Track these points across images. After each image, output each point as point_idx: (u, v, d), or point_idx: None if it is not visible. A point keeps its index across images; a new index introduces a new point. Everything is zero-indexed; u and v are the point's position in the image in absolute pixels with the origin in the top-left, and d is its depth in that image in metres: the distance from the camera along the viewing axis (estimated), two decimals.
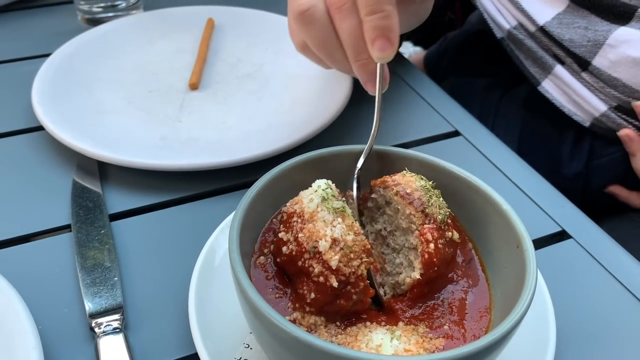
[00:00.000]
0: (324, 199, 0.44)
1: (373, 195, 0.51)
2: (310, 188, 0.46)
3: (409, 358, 0.39)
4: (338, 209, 0.44)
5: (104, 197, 0.65)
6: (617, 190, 0.86)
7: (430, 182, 0.49)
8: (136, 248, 0.60)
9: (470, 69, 1.09)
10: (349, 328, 0.44)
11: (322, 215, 0.43)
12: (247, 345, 0.49)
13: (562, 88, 0.84)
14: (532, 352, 0.49)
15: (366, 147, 0.52)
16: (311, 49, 0.58)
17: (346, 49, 0.54)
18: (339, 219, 0.43)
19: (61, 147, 0.70)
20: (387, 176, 0.50)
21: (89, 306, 0.53)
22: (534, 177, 0.73)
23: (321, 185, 0.46)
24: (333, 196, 0.45)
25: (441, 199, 0.48)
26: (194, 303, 0.50)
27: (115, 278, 0.55)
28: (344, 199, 0.47)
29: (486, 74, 1.04)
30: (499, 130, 0.96)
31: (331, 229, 0.42)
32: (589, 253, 0.63)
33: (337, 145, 0.53)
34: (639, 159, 0.80)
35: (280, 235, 0.45)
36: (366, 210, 0.52)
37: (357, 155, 0.52)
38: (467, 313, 0.46)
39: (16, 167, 0.69)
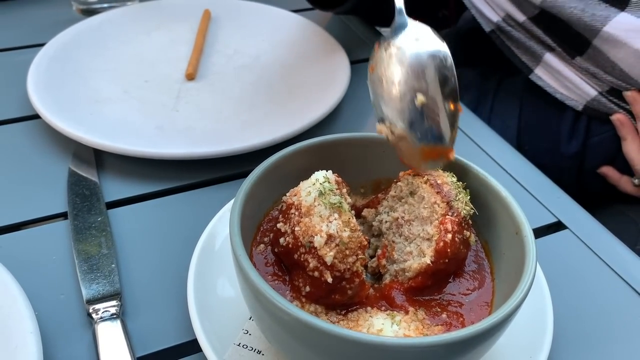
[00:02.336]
0: (321, 193, 0.44)
1: (399, 183, 0.50)
2: (309, 180, 0.46)
3: (409, 339, 0.39)
4: (335, 204, 0.43)
5: (101, 186, 0.65)
6: (610, 172, 0.87)
7: (462, 183, 0.48)
8: (133, 236, 0.60)
9: (462, 65, 1.10)
10: (349, 314, 0.44)
11: (319, 210, 0.43)
12: (246, 331, 0.49)
13: (553, 74, 0.85)
14: (531, 338, 0.49)
15: None
16: None
17: None
18: (336, 215, 0.43)
19: (57, 136, 0.69)
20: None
21: (86, 292, 0.52)
22: (530, 169, 0.73)
23: (319, 178, 0.45)
24: (331, 190, 0.44)
25: (469, 197, 0.47)
26: (193, 288, 0.50)
27: (113, 265, 0.55)
28: (343, 192, 0.46)
29: (479, 69, 1.05)
30: (497, 114, 0.96)
31: (327, 225, 0.42)
32: (584, 243, 0.63)
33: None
34: (629, 142, 0.81)
35: (278, 225, 0.45)
36: (387, 200, 0.51)
37: (361, 142, 0.52)
38: (466, 306, 0.46)
39: (12, 155, 0.69)
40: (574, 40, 0.80)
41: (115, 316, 0.50)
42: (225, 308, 0.50)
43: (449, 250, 0.44)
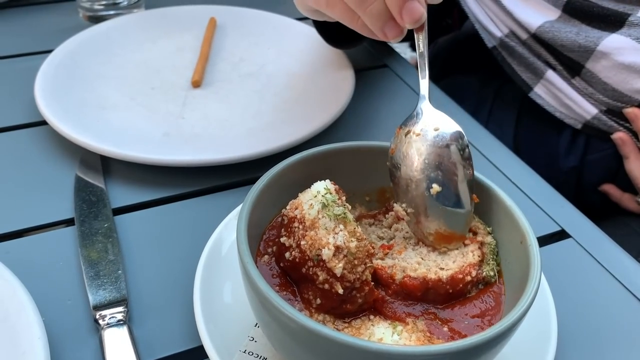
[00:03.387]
0: (324, 206, 0.44)
1: None
2: (309, 191, 0.46)
3: (415, 347, 0.39)
4: (339, 215, 0.43)
5: (107, 192, 0.65)
6: (611, 189, 0.87)
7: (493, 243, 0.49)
8: (140, 242, 0.60)
9: (461, 71, 1.10)
10: (353, 321, 0.44)
11: (324, 223, 0.43)
12: (251, 338, 0.49)
13: (554, 92, 0.85)
14: (535, 346, 0.49)
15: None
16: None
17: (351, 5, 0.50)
18: (341, 226, 0.43)
19: (64, 142, 0.70)
20: None
21: (92, 298, 0.53)
22: (533, 177, 0.74)
23: (320, 190, 0.45)
24: (333, 202, 0.44)
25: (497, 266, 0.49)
26: (199, 294, 0.50)
27: (119, 271, 0.56)
28: (342, 200, 0.46)
29: (478, 74, 1.05)
30: (494, 124, 0.96)
31: (333, 237, 0.42)
32: (587, 252, 0.64)
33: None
34: (632, 161, 0.81)
35: (282, 240, 0.45)
36: None
37: (367, 151, 0.53)
38: (470, 324, 0.46)
39: (19, 161, 0.69)
40: (569, 62, 0.82)
41: (121, 322, 0.51)
42: (231, 314, 0.50)
43: (460, 285, 0.45)
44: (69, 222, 0.62)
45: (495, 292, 0.47)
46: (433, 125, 0.48)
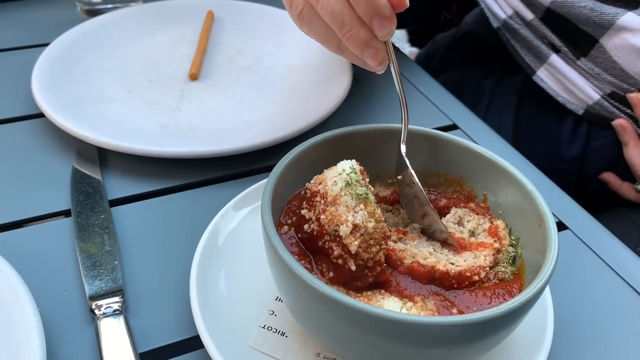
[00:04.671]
0: (348, 184, 0.44)
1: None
2: (334, 168, 0.47)
3: (427, 317, 0.39)
4: (361, 195, 0.44)
5: (104, 184, 0.65)
6: (611, 178, 0.87)
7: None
8: (136, 233, 0.60)
9: (459, 67, 1.10)
10: (364, 292, 0.45)
11: (345, 200, 0.44)
12: (271, 312, 0.50)
13: (557, 76, 0.85)
14: (531, 337, 0.49)
15: (403, 127, 0.52)
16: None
17: (332, 27, 0.51)
18: (362, 205, 0.44)
19: (61, 134, 0.70)
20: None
21: (89, 289, 0.53)
22: (531, 169, 0.74)
23: (346, 169, 0.46)
24: (357, 181, 0.45)
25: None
26: (196, 285, 0.50)
27: (116, 262, 0.56)
28: (366, 181, 0.47)
29: (477, 69, 1.05)
30: (493, 116, 0.96)
31: (353, 215, 0.43)
32: (585, 244, 0.64)
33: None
34: (631, 148, 0.81)
35: (302, 212, 0.46)
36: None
37: (383, 133, 0.54)
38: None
39: (16, 153, 0.69)
40: (580, 40, 0.80)
41: (118, 312, 0.51)
42: (227, 304, 0.51)
43: (466, 281, 0.46)
44: (65, 214, 0.62)
45: (509, 288, 0.47)
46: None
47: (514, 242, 0.50)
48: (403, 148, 0.51)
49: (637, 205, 0.87)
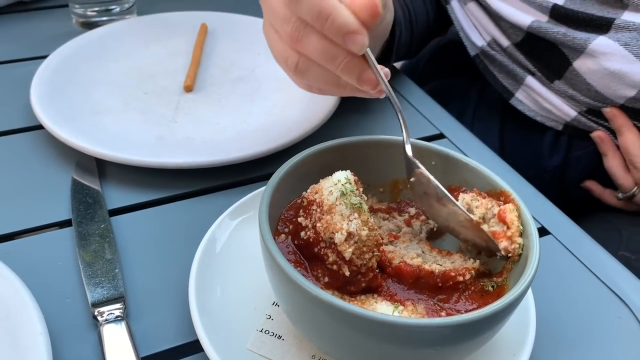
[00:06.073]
0: (343, 194, 0.47)
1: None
2: (330, 179, 0.49)
3: (416, 319, 0.42)
4: (355, 204, 0.47)
5: (103, 194, 0.67)
6: (593, 185, 0.90)
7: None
8: (136, 242, 0.62)
9: (445, 76, 1.13)
10: (358, 296, 0.48)
11: (340, 209, 0.46)
12: (269, 316, 0.52)
13: (534, 97, 0.88)
14: (514, 337, 0.52)
15: (403, 130, 0.53)
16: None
17: (327, 65, 0.53)
18: (355, 214, 0.46)
19: (60, 146, 0.72)
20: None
21: (91, 296, 0.55)
22: (515, 177, 0.76)
23: (341, 179, 0.48)
24: (352, 191, 0.47)
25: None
26: (194, 290, 0.52)
27: (116, 270, 0.58)
28: (360, 191, 0.49)
29: (462, 78, 1.08)
30: (480, 124, 0.99)
31: (347, 223, 0.45)
32: (566, 248, 0.66)
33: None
34: (610, 158, 0.84)
35: (299, 219, 0.48)
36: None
37: (379, 144, 0.56)
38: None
39: (16, 164, 0.71)
40: (555, 64, 0.83)
41: (119, 318, 0.53)
42: (225, 309, 0.53)
43: (451, 282, 0.48)
44: (66, 224, 0.64)
45: (497, 295, 0.50)
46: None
47: (521, 228, 0.51)
48: (409, 150, 0.52)
49: (619, 210, 0.90)
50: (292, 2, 0.50)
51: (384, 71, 0.52)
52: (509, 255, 0.49)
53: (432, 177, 0.50)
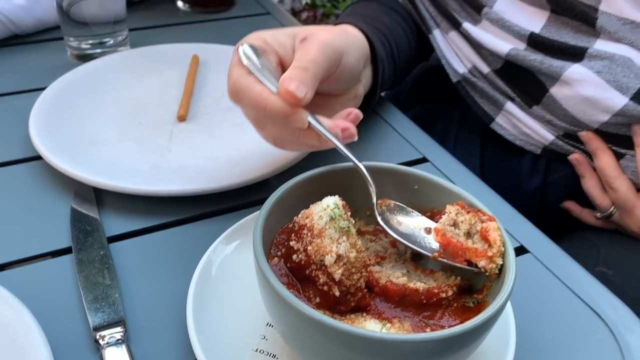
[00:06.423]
0: (332, 218, 0.50)
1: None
2: (320, 204, 0.52)
3: (402, 335, 0.45)
4: (344, 228, 0.50)
5: (102, 222, 0.70)
6: (572, 206, 0.94)
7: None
8: (134, 267, 0.65)
9: (428, 100, 1.17)
10: (347, 315, 0.51)
11: (330, 233, 0.50)
12: (263, 337, 0.55)
13: (513, 122, 0.92)
14: (495, 352, 0.55)
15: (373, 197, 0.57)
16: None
17: (291, 140, 0.62)
18: (344, 237, 0.50)
19: (59, 176, 0.74)
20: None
21: (92, 320, 0.57)
22: (495, 199, 0.80)
23: (330, 204, 0.52)
24: (340, 216, 0.51)
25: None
26: (192, 312, 0.55)
27: (116, 295, 0.60)
28: (348, 214, 0.52)
29: (445, 102, 1.12)
30: (461, 147, 1.02)
31: (337, 246, 0.49)
32: (545, 266, 0.70)
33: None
34: (587, 179, 0.88)
35: (291, 243, 0.52)
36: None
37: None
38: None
39: (16, 194, 0.74)
40: (533, 89, 0.87)
41: (120, 341, 0.55)
42: (222, 331, 0.55)
43: (434, 299, 0.51)
44: (67, 251, 0.66)
45: (477, 310, 0.52)
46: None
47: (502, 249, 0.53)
48: (379, 218, 0.56)
49: (596, 228, 0.94)
50: (237, 102, 0.60)
51: (353, 114, 0.59)
52: (487, 273, 0.52)
53: (392, 234, 0.55)
